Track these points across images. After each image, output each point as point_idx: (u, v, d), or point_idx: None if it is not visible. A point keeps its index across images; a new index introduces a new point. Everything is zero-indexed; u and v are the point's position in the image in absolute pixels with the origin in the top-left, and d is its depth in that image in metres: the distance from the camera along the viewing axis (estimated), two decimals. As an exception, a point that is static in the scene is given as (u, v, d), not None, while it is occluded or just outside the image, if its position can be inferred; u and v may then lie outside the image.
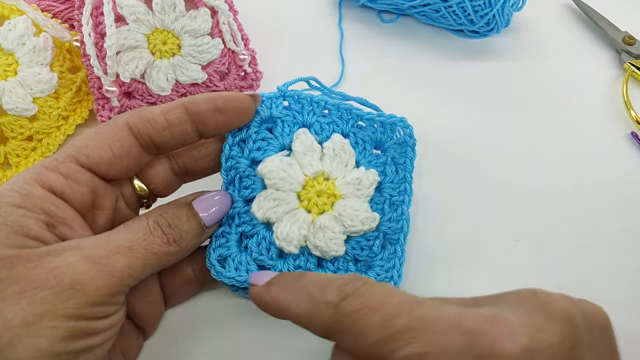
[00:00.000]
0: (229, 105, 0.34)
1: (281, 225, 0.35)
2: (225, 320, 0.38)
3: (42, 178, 0.30)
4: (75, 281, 0.27)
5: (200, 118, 0.33)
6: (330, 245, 0.35)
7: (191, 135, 0.34)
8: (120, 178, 0.33)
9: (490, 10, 0.50)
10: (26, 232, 0.28)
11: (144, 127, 0.32)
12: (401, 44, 0.54)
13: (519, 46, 0.54)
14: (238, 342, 0.37)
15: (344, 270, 0.36)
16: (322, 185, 0.35)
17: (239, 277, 0.35)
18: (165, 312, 0.37)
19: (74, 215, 0.31)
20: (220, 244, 0.35)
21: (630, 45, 0.53)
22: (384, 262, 0.37)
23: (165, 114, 0.33)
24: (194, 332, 0.38)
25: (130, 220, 0.32)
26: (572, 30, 0.56)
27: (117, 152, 0.32)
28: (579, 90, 0.51)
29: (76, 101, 0.47)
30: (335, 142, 0.36)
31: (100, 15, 0.42)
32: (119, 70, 0.43)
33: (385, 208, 0.37)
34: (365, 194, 0.36)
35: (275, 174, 0.35)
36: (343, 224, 0.35)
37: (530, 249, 0.42)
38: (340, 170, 0.36)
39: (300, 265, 0.35)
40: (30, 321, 0.26)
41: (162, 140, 0.33)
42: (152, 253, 0.30)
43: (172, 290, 0.37)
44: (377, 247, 0.36)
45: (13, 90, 0.42)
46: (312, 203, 0.35)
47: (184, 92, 0.47)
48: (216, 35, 0.45)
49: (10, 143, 0.45)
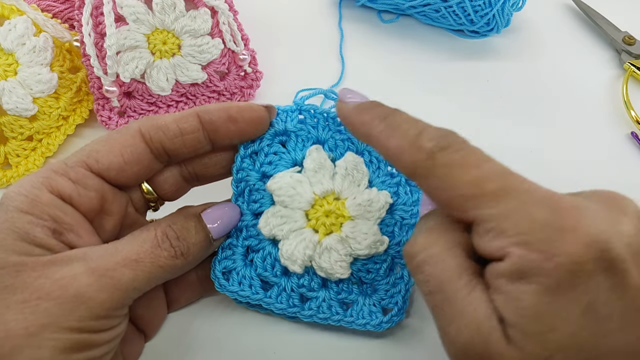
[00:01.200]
0: (242, 115, 0.33)
1: (287, 243, 0.34)
2: (226, 324, 0.38)
3: (51, 182, 0.30)
4: (80, 293, 0.27)
5: (213, 127, 0.33)
6: (335, 268, 0.34)
7: (203, 144, 0.33)
8: (130, 185, 0.33)
9: (490, 10, 0.50)
10: (32, 240, 0.28)
11: (156, 134, 0.32)
12: (401, 44, 0.54)
13: (519, 46, 0.54)
14: (239, 346, 0.37)
15: (347, 292, 0.36)
16: (331, 205, 0.34)
17: (241, 292, 0.35)
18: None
19: (81, 221, 0.30)
20: (226, 256, 0.35)
21: (630, 45, 0.53)
22: (389, 286, 0.36)
23: (178, 121, 0.32)
24: (195, 334, 0.38)
25: (139, 230, 0.32)
26: (572, 30, 0.56)
27: (128, 158, 0.32)
28: (579, 90, 0.51)
29: (76, 101, 0.47)
30: (348, 161, 0.35)
31: (100, 15, 0.42)
32: (119, 70, 0.43)
33: (396, 231, 0.36)
34: (375, 216, 0.35)
35: (284, 191, 0.34)
36: (350, 246, 0.34)
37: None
38: (351, 190, 0.35)
39: (304, 284, 0.35)
40: (33, 332, 0.26)
41: (174, 148, 0.33)
42: (158, 266, 0.30)
43: (175, 294, 0.37)
44: (383, 270, 0.36)
45: (13, 90, 0.42)
46: (319, 223, 0.34)
47: (184, 92, 0.47)
48: (216, 35, 0.45)
49: (10, 143, 0.45)
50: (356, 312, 0.35)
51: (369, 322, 0.35)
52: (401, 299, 0.36)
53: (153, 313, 0.35)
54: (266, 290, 0.35)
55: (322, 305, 0.35)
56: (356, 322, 0.35)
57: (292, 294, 0.35)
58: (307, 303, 0.36)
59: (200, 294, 0.38)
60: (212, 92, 0.48)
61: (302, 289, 0.35)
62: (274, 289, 0.35)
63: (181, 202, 0.36)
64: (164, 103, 0.48)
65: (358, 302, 0.36)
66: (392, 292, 0.36)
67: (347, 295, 0.36)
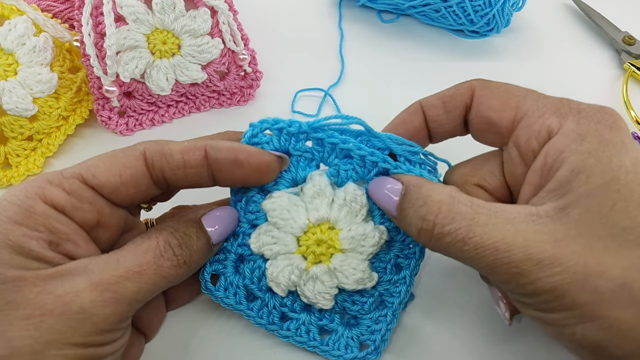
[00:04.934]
0: (249, 160, 0.32)
1: (274, 264, 0.34)
2: (226, 324, 0.38)
3: (45, 192, 0.29)
4: (84, 310, 0.27)
5: (217, 166, 0.32)
6: (318, 298, 0.34)
7: (205, 180, 0.32)
8: (124, 205, 0.33)
9: (490, 10, 0.50)
10: (28, 253, 0.27)
11: (159, 161, 0.31)
12: (401, 44, 0.54)
13: (519, 46, 0.54)
14: (239, 346, 0.37)
15: (328, 320, 0.35)
16: (324, 234, 0.33)
17: (226, 300, 0.35)
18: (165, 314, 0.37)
19: (77, 230, 0.30)
20: (218, 259, 0.35)
21: (630, 45, 0.53)
22: (371, 322, 0.35)
23: (184, 153, 0.32)
24: (194, 334, 0.38)
25: (139, 238, 0.31)
26: (572, 30, 0.56)
27: (126, 179, 0.31)
28: (579, 90, 0.51)
29: (76, 101, 0.47)
30: (348, 192, 0.34)
31: (100, 15, 0.42)
32: (118, 70, 0.43)
33: (389, 267, 0.35)
34: (368, 251, 0.33)
35: (278, 212, 0.33)
36: (337, 279, 0.34)
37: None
38: (347, 220, 0.33)
39: (287, 304, 0.35)
40: (37, 349, 0.26)
41: (174, 179, 0.32)
42: (162, 277, 0.30)
43: (173, 294, 0.37)
44: (369, 305, 0.35)
45: (13, 90, 0.42)
46: (309, 251, 0.33)
47: (183, 91, 0.47)
48: (216, 35, 0.45)
49: (10, 143, 0.45)
50: (332, 342, 0.35)
51: (344, 355, 0.35)
52: (380, 337, 0.35)
53: (153, 314, 0.35)
54: (250, 302, 0.35)
55: (301, 329, 0.35)
56: (331, 353, 0.35)
57: (273, 311, 0.35)
58: (287, 323, 0.35)
59: (198, 293, 0.38)
60: (212, 92, 0.48)
61: (284, 308, 0.35)
62: (257, 303, 0.35)
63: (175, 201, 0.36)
64: (164, 103, 0.48)
65: (337, 331, 0.35)
66: (372, 328, 0.35)
67: (328, 323, 0.35)
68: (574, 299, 0.25)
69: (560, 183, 0.28)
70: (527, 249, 0.26)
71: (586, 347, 0.26)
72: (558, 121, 0.29)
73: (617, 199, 0.26)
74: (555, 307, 0.26)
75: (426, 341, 0.37)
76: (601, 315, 0.25)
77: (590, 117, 0.29)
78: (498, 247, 0.27)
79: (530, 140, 0.30)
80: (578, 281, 0.25)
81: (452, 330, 0.38)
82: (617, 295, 0.25)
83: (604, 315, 0.25)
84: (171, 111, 0.48)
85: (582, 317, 0.26)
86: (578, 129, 0.29)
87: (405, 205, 0.31)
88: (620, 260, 0.25)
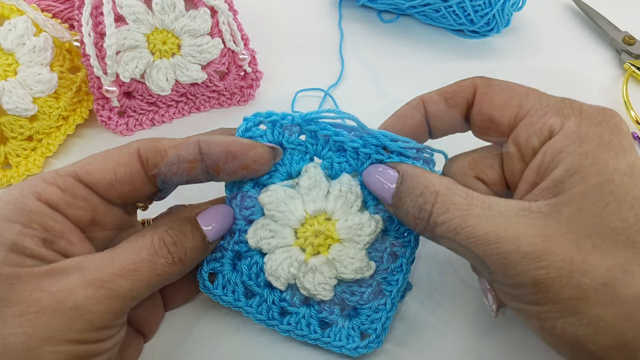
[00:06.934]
0: (243, 152, 0.32)
1: (272, 258, 0.34)
2: (226, 323, 0.38)
3: (39, 190, 0.29)
4: (78, 306, 0.27)
5: (211, 160, 0.32)
6: (318, 289, 0.34)
7: (200, 175, 0.33)
8: (119, 203, 0.33)
9: (490, 10, 0.50)
10: (22, 250, 0.27)
11: (154, 157, 0.32)
12: (401, 44, 0.54)
13: (519, 46, 0.54)
14: (239, 346, 0.37)
15: (328, 312, 0.35)
16: (321, 225, 0.34)
17: (224, 297, 0.35)
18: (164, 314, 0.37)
19: (72, 228, 0.30)
20: (215, 258, 0.35)
21: (630, 45, 0.53)
22: (371, 311, 0.35)
23: (178, 148, 0.32)
24: (194, 334, 0.38)
25: (134, 236, 0.31)
26: (572, 30, 0.56)
27: (120, 176, 0.31)
28: (579, 90, 0.50)
29: (76, 101, 0.47)
30: (343, 183, 0.34)
31: (100, 15, 0.42)
32: (118, 70, 0.43)
33: (385, 257, 0.35)
34: (365, 240, 0.34)
35: (274, 206, 0.33)
36: (336, 269, 0.34)
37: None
38: (343, 211, 0.34)
39: (286, 299, 0.35)
40: (32, 345, 0.26)
41: (170, 175, 0.32)
42: (156, 274, 0.30)
43: (171, 294, 0.37)
44: (367, 294, 0.35)
45: (13, 90, 0.42)
46: (307, 242, 0.34)
47: (183, 91, 0.47)
48: (216, 35, 0.45)
49: (10, 143, 0.45)
50: (334, 334, 0.35)
51: (345, 345, 0.35)
52: (381, 326, 0.35)
53: (150, 314, 0.35)
54: (248, 299, 0.35)
55: (301, 322, 0.35)
56: (332, 344, 0.35)
57: (272, 307, 0.35)
58: (287, 318, 0.35)
59: (196, 292, 0.38)
60: (212, 91, 0.48)
61: (284, 303, 0.35)
62: (256, 299, 0.35)
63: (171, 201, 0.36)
64: (164, 103, 0.48)
65: (338, 323, 0.35)
66: (373, 317, 0.35)
67: (328, 315, 0.35)
68: (558, 293, 0.26)
69: (555, 182, 0.28)
70: (517, 241, 0.27)
71: (565, 342, 0.27)
72: (560, 121, 0.30)
73: (610, 200, 0.27)
74: (539, 300, 0.27)
75: (425, 329, 0.37)
76: (582, 311, 0.26)
77: (592, 118, 0.29)
78: (489, 239, 0.27)
79: (531, 139, 0.30)
80: (563, 276, 0.26)
81: (449, 319, 0.38)
82: (600, 294, 0.25)
83: (585, 311, 0.26)
84: (171, 111, 0.48)
85: (563, 311, 0.26)
86: (578, 130, 0.29)
87: (402, 194, 0.31)
88: (607, 260, 0.26)
